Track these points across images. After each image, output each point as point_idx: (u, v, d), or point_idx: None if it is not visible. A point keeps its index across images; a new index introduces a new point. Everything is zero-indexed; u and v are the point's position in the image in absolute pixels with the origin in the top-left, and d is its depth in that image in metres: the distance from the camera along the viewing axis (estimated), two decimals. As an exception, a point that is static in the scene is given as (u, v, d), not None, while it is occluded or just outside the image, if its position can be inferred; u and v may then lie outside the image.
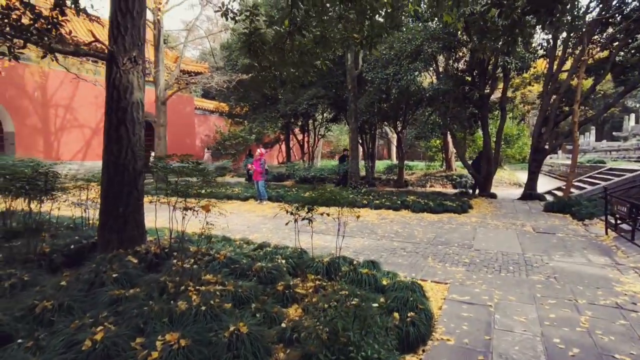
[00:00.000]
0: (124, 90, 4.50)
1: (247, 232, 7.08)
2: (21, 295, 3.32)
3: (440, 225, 7.76)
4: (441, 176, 17.01)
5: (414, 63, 10.45)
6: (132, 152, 4.55)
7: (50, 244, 4.62)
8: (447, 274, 4.61)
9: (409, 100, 13.59)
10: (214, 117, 27.11)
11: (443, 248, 5.89)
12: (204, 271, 3.78)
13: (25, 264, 4.10)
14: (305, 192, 12.29)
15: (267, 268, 4.03)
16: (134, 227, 4.59)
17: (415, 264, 5.08)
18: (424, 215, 9.00)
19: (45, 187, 4.26)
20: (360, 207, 10.01)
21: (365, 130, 16.98)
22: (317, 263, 4.24)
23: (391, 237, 6.64)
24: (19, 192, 4.15)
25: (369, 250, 5.76)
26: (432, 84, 12.12)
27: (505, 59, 9.66)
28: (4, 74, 13.54)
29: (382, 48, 11.13)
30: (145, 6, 4.66)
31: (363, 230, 7.27)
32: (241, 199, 12.01)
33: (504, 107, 12.06)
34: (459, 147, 13.70)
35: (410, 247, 5.94)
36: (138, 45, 4.60)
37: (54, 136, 16.78)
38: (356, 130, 12.33)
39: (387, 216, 8.82)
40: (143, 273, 3.91)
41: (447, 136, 16.66)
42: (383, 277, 4.10)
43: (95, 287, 3.47)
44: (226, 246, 4.92)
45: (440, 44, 10.13)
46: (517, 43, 5.16)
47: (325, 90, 15.21)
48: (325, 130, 21.71)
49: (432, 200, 9.99)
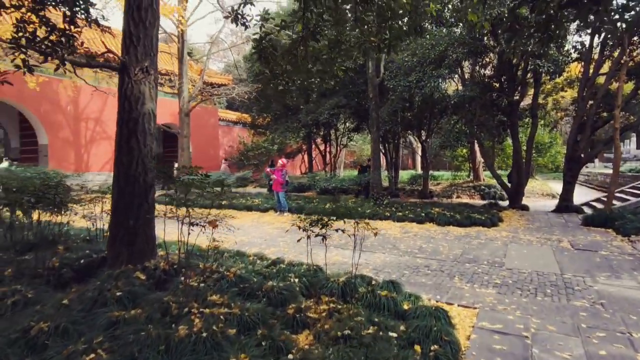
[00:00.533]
0: (135, 100, 4.41)
1: (264, 246, 6.86)
2: (22, 314, 3.19)
3: (468, 240, 7.26)
4: (468, 186, 16.31)
5: (438, 69, 10.05)
6: (142, 163, 4.43)
7: (61, 257, 4.54)
8: (476, 297, 4.19)
9: (433, 108, 13.14)
10: (237, 128, 27.44)
11: (471, 266, 5.44)
12: (211, 291, 3.55)
13: (33, 279, 4.01)
14: (326, 203, 12.05)
15: (279, 288, 3.76)
16: (144, 240, 4.45)
17: (441, 284, 4.67)
18: (450, 228, 8.51)
19: (55, 200, 4.18)
20: (382, 220, 9.62)
21: (388, 140, 16.59)
22: (332, 283, 3.93)
23: (414, 253, 6.24)
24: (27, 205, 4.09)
25: (390, 268, 5.39)
26: (457, 91, 11.65)
27: (537, 62, 9.11)
28: (39, 89, 14.11)
29: (405, 55, 10.81)
30: (158, 16, 4.59)
31: (384, 244, 6.90)
32: (261, 210, 11.87)
33: (535, 114, 11.41)
34: (487, 156, 13.08)
35: (435, 265, 5.53)
36: (150, 55, 4.52)
37: (84, 148, 17.34)
38: (378, 139, 11.98)
39: (410, 229, 8.39)
40: (149, 291, 3.72)
41: (474, 145, 16.00)
42: (404, 301, 3.73)
43: (97, 306, 3.31)
44: (238, 262, 4.69)
45: (466, 49, 9.70)
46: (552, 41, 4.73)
47: (347, 99, 15.00)
48: (348, 139, 21.44)
49: (459, 213, 9.47)
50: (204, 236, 4.01)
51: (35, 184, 4.26)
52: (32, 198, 4.04)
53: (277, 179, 11.05)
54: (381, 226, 8.78)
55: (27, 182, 4.59)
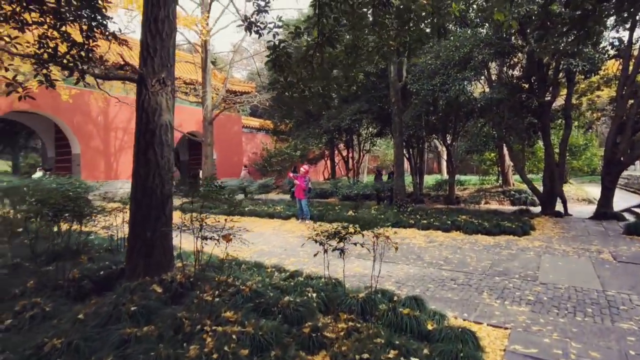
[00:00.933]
0: (152, 112, 4.41)
1: (284, 256, 6.75)
2: (39, 329, 3.20)
3: (497, 250, 6.88)
4: (497, 192, 15.66)
5: (463, 72, 9.69)
6: (159, 175, 4.42)
7: (82, 268, 4.59)
8: (507, 315, 3.88)
9: (458, 112, 12.73)
10: (260, 135, 27.70)
11: (501, 280, 5.10)
12: (225, 307, 3.45)
13: (54, 291, 4.06)
14: (348, 210, 11.85)
15: (295, 304, 3.61)
16: (161, 253, 4.42)
17: (468, 300, 4.38)
18: (478, 237, 8.11)
19: (74, 212, 4.23)
20: (406, 228, 9.32)
21: (412, 144, 16.22)
22: (351, 299, 3.74)
23: (440, 265, 5.94)
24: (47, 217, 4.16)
25: (413, 281, 5.13)
26: (483, 93, 11.21)
27: (570, 61, 8.59)
28: (72, 101, 14.71)
29: (428, 58, 10.51)
30: (174, 28, 4.59)
31: (408, 255, 6.63)
32: (283, 217, 11.81)
33: (568, 115, 10.80)
34: (517, 160, 12.49)
35: (462, 278, 5.22)
36: (167, 66, 4.52)
37: (114, 157, 17.92)
38: (401, 144, 11.69)
39: (435, 238, 8.06)
40: (164, 305, 3.66)
41: (503, 148, 15.38)
42: (428, 320, 3.49)
43: (112, 321, 3.27)
44: (255, 274, 4.58)
45: (492, 49, 9.30)
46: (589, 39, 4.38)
47: (369, 104, 14.79)
48: (371, 145, 21.16)
49: (487, 220, 9.04)
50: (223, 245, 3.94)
51: (56, 196, 4.32)
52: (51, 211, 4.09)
53: (300, 184, 10.96)
54: (405, 235, 8.50)
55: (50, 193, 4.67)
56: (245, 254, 6.94)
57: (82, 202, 4.51)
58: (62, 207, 4.13)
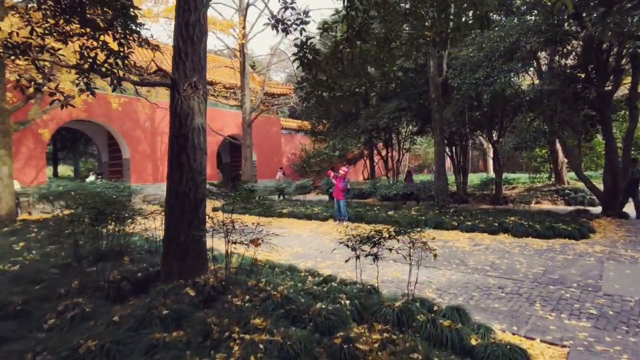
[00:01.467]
0: (184, 116, 4.45)
1: (320, 259, 6.61)
2: (78, 329, 3.29)
3: (551, 255, 6.29)
4: (549, 190, 14.56)
5: (509, 63, 9.03)
6: (192, 179, 4.44)
7: (122, 270, 4.73)
8: (565, 331, 3.46)
9: (505, 106, 11.94)
10: (299, 136, 27.89)
11: (556, 289, 4.61)
12: (255, 313, 3.35)
13: (95, 292, 4.20)
14: (387, 211, 11.50)
15: (327, 311, 3.44)
16: (195, 256, 4.44)
17: (518, 311, 3.98)
18: (528, 240, 7.49)
19: (112, 216, 4.36)
20: (449, 230, 8.85)
21: (455, 142, 15.51)
22: (386, 308, 3.51)
23: (485, 271, 5.51)
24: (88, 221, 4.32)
25: (456, 288, 4.78)
26: (532, 86, 10.41)
27: (637, 44, 7.68)
28: (121, 108, 15.60)
29: (470, 50, 9.94)
30: (205, 31, 4.61)
31: (450, 259, 6.24)
32: (320, 218, 11.71)
33: (634, 105, 9.71)
34: (572, 156, 11.49)
35: (511, 286, 4.79)
36: (199, 70, 4.54)
37: (160, 161, 18.78)
38: (442, 142, 11.15)
39: (481, 242, 7.55)
40: (196, 309, 3.65)
41: (556, 144, 14.25)
42: (472, 333, 3.18)
43: (144, 324, 3.28)
44: (287, 279, 4.48)
45: (542, 37, 8.57)
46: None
47: (408, 101, 14.31)
48: (411, 143, 20.54)
49: (539, 222, 8.35)
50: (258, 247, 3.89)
51: (95, 201, 4.49)
52: (91, 214, 4.24)
53: (338, 185, 10.80)
54: (447, 237, 8.06)
55: (91, 198, 4.86)
56: (282, 256, 6.90)
57: (120, 205, 4.65)
58: (101, 210, 4.27)
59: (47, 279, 4.69)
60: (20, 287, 4.45)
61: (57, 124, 15.06)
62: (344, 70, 3.72)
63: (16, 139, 13.70)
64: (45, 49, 4.15)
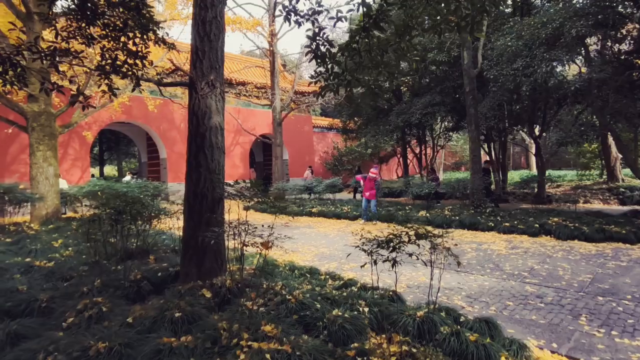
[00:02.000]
0: (202, 115, 4.40)
1: (344, 260, 6.40)
2: (93, 329, 3.30)
3: (601, 261, 5.69)
4: (600, 189, 13.42)
5: (552, 51, 8.32)
6: (210, 179, 4.38)
7: (145, 269, 4.78)
8: (616, 351, 3.04)
9: (548, 98, 11.09)
10: (331, 134, 27.73)
11: (606, 301, 4.11)
12: (266, 319, 3.21)
13: (116, 291, 4.24)
14: (420, 210, 11.05)
15: (343, 319, 3.24)
16: (212, 257, 4.38)
17: (559, 325, 3.57)
18: (574, 244, 6.86)
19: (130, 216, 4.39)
20: (485, 231, 8.34)
21: (493, 138, 14.68)
22: (407, 318, 3.24)
23: (523, 277, 5.06)
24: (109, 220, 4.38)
25: (488, 296, 4.40)
26: (579, 75, 9.56)
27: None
28: (157, 110, 16.16)
29: (508, 39, 9.27)
30: (222, 29, 4.53)
31: (484, 263, 5.81)
32: (349, 218, 11.52)
33: (700, 93, 8.67)
34: (627, 152, 10.46)
35: (552, 296, 4.34)
36: (216, 68, 4.47)
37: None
38: (477, 139, 10.54)
39: (519, 244, 7.01)
40: (210, 312, 3.57)
41: (608, 138, 13.09)
42: (502, 350, 2.86)
43: (156, 326, 3.25)
44: (306, 282, 4.30)
45: (591, 21, 7.80)
46: None
47: (442, 96, 13.69)
48: (445, 140, 19.74)
49: (587, 223, 7.64)
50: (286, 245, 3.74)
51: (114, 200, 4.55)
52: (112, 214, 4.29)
53: (366, 185, 10.55)
54: (482, 239, 7.58)
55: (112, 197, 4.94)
56: (306, 257, 6.78)
57: (140, 205, 4.69)
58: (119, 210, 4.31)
59: (75, 276, 4.83)
60: (51, 283, 4.61)
61: (99, 127, 15.84)
62: (362, 62, 3.49)
63: (63, 141, 14.60)
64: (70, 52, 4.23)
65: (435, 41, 11.83)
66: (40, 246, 6.71)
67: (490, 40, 10.69)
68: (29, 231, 8.42)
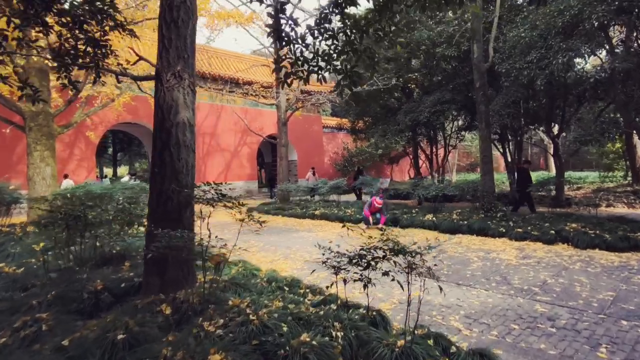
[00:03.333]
0: (167, 109, 3.97)
1: (336, 269, 5.87)
2: (26, 352, 2.89)
3: (625, 275, 5.01)
4: (625, 192, 12.50)
5: (569, 41, 7.60)
6: (176, 180, 3.95)
7: (112, 279, 4.38)
8: (642, 396, 2.44)
9: (566, 94, 10.31)
10: (341, 134, 27.21)
11: (631, 327, 3.48)
12: (217, 345, 2.74)
13: (72, 304, 3.85)
14: (426, 214, 10.43)
15: (310, 347, 2.74)
16: (178, 267, 3.94)
17: (572, 358, 2.97)
18: (595, 254, 6.16)
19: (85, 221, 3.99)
20: (494, 237, 7.68)
21: (508, 137, 13.89)
22: (384, 348, 2.71)
23: (533, 293, 4.44)
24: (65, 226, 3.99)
25: (490, 317, 3.81)
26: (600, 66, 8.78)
27: None
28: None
29: (521, 30, 8.59)
30: (191, 14, 4.09)
31: (490, 275, 5.21)
32: (352, 221, 10.96)
33: None
34: (654, 152, 9.61)
35: (566, 318, 3.72)
36: (184, 57, 4.04)
37: (202, 160, 19.07)
38: (488, 138, 9.84)
39: (532, 253, 6.35)
40: (164, 334, 3.10)
41: (633, 136, 12.17)
42: (497, 395, 2.30)
43: (90, 351, 2.81)
44: (277, 299, 3.79)
45: (613, 6, 7.06)
46: None
47: (452, 93, 13.01)
48: (457, 139, 18.95)
49: (609, 230, 6.92)
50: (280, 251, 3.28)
51: (70, 205, 4.16)
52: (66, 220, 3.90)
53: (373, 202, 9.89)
54: (491, 246, 6.94)
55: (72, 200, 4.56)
56: (297, 264, 6.34)
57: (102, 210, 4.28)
58: (76, 215, 3.92)
59: (38, 285, 4.46)
60: (9, 293, 4.25)
61: (105, 127, 15.74)
62: (336, 45, 2.98)
63: (69, 141, 14.53)
64: (24, 41, 3.87)
65: (443, 35, 11.18)
66: (20, 250, 6.43)
67: (502, 32, 10.00)
68: (19, 232, 8.20)
